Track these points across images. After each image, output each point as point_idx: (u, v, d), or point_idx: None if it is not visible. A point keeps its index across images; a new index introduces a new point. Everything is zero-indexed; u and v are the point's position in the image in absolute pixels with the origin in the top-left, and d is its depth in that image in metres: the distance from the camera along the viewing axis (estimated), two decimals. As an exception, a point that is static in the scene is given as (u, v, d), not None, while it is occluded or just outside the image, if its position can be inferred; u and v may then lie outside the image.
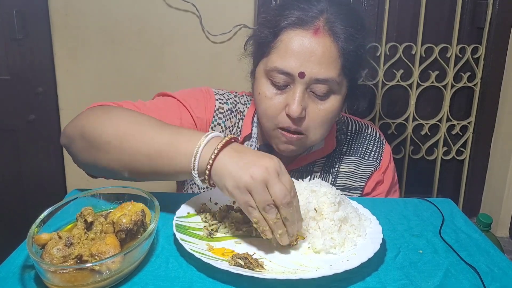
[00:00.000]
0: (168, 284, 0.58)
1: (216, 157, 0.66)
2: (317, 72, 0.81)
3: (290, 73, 0.82)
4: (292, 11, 0.83)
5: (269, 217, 0.63)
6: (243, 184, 0.63)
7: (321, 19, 0.82)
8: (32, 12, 1.67)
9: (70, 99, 1.71)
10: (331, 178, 1.00)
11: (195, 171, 0.68)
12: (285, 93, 0.85)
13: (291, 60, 0.81)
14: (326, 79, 0.82)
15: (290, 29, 0.82)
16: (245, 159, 0.65)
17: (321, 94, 0.84)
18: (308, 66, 0.81)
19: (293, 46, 0.81)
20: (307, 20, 0.82)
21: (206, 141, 0.68)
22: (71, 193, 0.82)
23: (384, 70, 1.82)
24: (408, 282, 0.61)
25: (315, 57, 0.81)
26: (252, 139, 0.99)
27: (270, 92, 0.85)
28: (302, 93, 0.83)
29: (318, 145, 0.98)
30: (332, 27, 0.82)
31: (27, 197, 1.89)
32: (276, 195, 0.62)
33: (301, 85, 0.82)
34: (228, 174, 0.64)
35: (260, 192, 0.62)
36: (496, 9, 1.78)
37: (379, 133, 1.06)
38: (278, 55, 0.83)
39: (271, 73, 0.85)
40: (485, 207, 2.02)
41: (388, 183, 1.03)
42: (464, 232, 0.75)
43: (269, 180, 0.62)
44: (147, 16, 1.64)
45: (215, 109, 0.95)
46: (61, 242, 0.58)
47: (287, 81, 0.84)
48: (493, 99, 1.91)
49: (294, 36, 0.82)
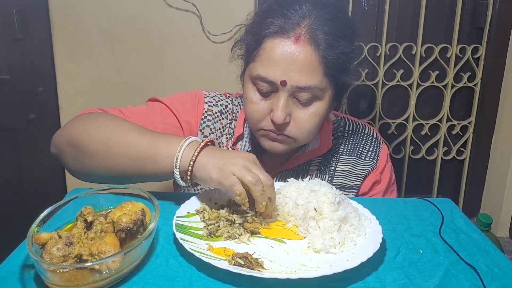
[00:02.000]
0: (168, 284, 0.59)
1: (199, 154, 0.75)
2: (298, 80, 0.82)
3: (273, 82, 0.83)
4: (274, 20, 0.83)
5: (257, 189, 0.70)
6: (228, 170, 0.71)
7: (303, 25, 0.82)
8: (32, 12, 1.67)
9: (70, 99, 1.71)
10: (328, 177, 1.01)
11: (177, 169, 0.75)
12: (270, 99, 0.87)
13: (273, 69, 0.83)
14: (308, 86, 0.83)
15: (271, 37, 0.83)
16: (225, 155, 0.75)
17: (304, 101, 0.85)
18: (290, 75, 0.82)
19: (274, 55, 0.82)
20: (287, 28, 0.82)
21: (187, 144, 0.76)
22: (71, 192, 0.82)
23: (384, 70, 1.82)
24: (408, 281, 0.61)
25: (296, 65, 0.81)
26: (245, 140, 1.00)
27: (255, 97, 0.87)
28: (286, 99, 0.84)
29: (313, 144, 0.99)
30: (313, 35, 0.82)
31: (27, 196, 1.89)
32: (261, 177, 0.71)
33: (285, 92, 0.84)
34: (212, 166, 0.73)
35: (246, 174, 0.70)
36: (496, 9, 1.78)
37: (376, 133, 1.06)
38: (261, 63, 0.84)
39: (255, 80, 0.86)
40: (485, 207, 2.02)
41: (385, 183, 1.03)
42: (464, 232, 0.75)
43: (250, 167, 0.72)
44: (147, 16, 1.64)
45: (203, 112, 0.98)
46: (61, 242, 0.58)
47: (270, 89, 0.85)
48: (493, 99, 1.90)
49: (275, 45, 0.82)
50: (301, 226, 0.72)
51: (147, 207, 0.68)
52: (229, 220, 0.72)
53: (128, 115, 0.93)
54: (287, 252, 0.67)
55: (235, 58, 0.95)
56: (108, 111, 0.92)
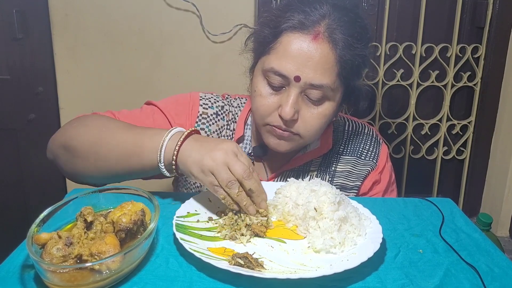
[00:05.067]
0: (168, 284, 0.58)
1: (180, 147, 0.74)
2: (312, 77, 0.82)
3: (286, 76, 0.83)
4: (294, 14, 0.83)
5: (232, 192, 0.71)
6: (206, 167, 0.71)
7: (322, 24, 0.82)
8: (32, 12, 1.67)
9: (70, 99, 1.71)
10: (328, 177, 1.01)
11: (161, 164, 0.75)
12: (280, 94, 0.86)
13: (288, 63, 0.82)
14: (321, 84, 0.83)
15: (290, 31, 0.83)
16: (205, 146, 0.73)
17: (315, 99, 0.85)
18: (304, 71, 0.82)
19: (291, 49, 0.82)
20: (307, 24, 0.82)
21: (170, 136, 0.76)
22: (71, 192, 0.82)
23: (384, 70, 1.82)
24: (408, 281, 0.61)
25: (312, 62, 0.81)
26: (246, 141, 1.00)
27: (265, 91, 0.87)
28: (296, 96, 0.84)
29: (313, 144, 0.99)
30: (332, 34, 0.82)
31: (27, 196, 1.89)
32: (237, 171, 0.70)
33: (296, 88, 0.84)
34: (192, 161, 0.72)
35: (222, 172, 0.70)
36: (496, 9, 1.78)
37: (376, 133, 1.06)
38: (276, 57, 0.84)
39: (267, 73, 0.86)
40: (485, 207, 2.02)
41: (385, 183, 1.03)
42: (464, 231, 0.75)
43: (229, 160, 0.71)
44: (147, 16, 1.64)
45: (198, 115, 0.98)
46: (61, 242, 0.58)
47: (282, 83, 0.85)
48: (493, 99, 1.90)
49: (293, 39, 0.82)
50: (301, 226, 0.72)
51: (147, 207, 0.68)
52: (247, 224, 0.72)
53: (120, 118, 0.93)
54: (287, 252, 0.67)
55: (245, 51, 0.95)
56: (102, 114, 0.92)
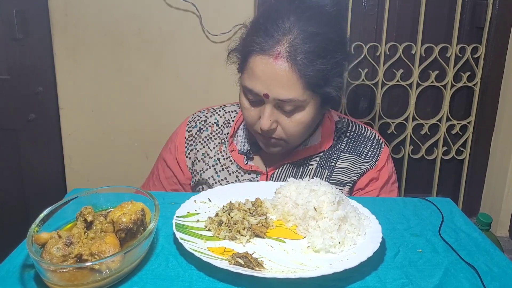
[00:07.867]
0: (168, 283, 0.59)
1: None
2: (279, 93, 0.87)
3: (257, 94, 0.89)
4: (256, 38, 0.88)
5: None
6: None
7: (284, 42, 0.86)
8: (32, 12, 1.67)
9: (70, 99, 1.71)
10: (327, 172, 1.02)
11: None
12: (259, 106, 0.93)
13: (256, 83, 0.89)
14: (288, 99, 0.88)
15: (255, 54, 0.88)
16: None
17: (288, 111, 0.90)
18: (271, 89, 0.87)
19: (257, 70, 0.88)
20: (269, 46, 0.87)
21: None
22: (71, 192, 0.82)
23: (384, 70, 1.82)
24: (407, 281, 0.61)
25: (276, 80, 0.87)
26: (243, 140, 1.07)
27: (247, 104, 0.94)
28: (271, 109, 0.90)
29: (314, 140, 1.03)
30: (292, 53, 0.85)
31: (27, 196, 1.89)
32: None
33: (269, 102, 0.90)
34: None
35: None
36: (496, 9, 1.78)
37: (378, 135, 1.09)
38: (247, 76, 0.91)
39: (244, 90, 0.93)
40: (485, 207, 2.02)
41: (382, 181, 1.04)
42: (463, 231, 0.75)
43: None
44: (147, 16, 1.64)
45: (185, 141, 1.08)
46: (61, 241, 0.58)
47: (257, 99, 0.91)
48: (493, 99, 1.90)
49: (258, 61, 0.88)
50: (301, 225, 0.72)
51: (147, 207, 0.68)
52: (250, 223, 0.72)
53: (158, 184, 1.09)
54: (287, 252, 0.67)
55: (230, 64, 1.00)
56: None
